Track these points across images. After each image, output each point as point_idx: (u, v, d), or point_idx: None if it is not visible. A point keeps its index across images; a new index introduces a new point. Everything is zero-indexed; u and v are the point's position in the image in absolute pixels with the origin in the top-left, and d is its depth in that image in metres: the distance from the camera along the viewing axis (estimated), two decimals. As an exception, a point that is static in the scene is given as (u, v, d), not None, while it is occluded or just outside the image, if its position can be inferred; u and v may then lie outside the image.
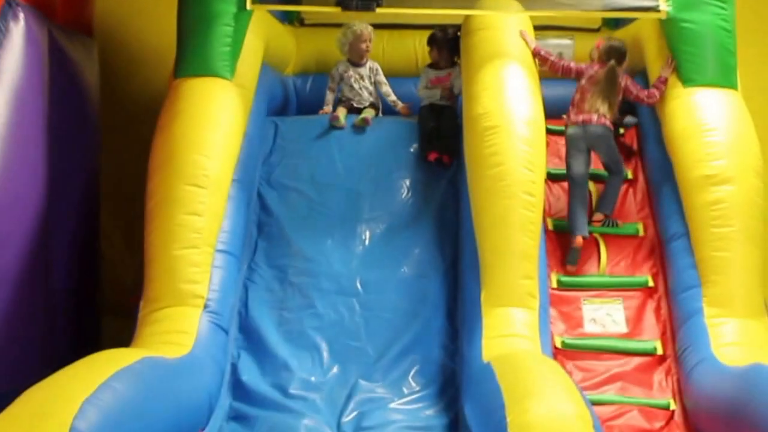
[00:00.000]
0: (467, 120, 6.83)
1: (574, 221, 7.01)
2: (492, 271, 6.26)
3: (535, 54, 7.25)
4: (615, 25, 8.59)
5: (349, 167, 7.37)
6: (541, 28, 7.95)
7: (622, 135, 7.69)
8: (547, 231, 7.00)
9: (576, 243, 6.93)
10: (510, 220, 6.31)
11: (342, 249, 6.97)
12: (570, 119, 7.22)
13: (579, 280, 6.87)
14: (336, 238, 7.01)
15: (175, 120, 6.52)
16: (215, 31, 6.74)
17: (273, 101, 8.07)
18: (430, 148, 7.48)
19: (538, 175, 6.45)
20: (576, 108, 7.20)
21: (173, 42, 6.90)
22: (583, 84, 7.22)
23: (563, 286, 6.84)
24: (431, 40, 7.96)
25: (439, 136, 7.54)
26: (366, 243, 7.03)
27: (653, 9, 6.92)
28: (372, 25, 8.06)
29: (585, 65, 7.35)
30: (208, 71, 6.73)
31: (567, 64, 7.37)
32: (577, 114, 7.17)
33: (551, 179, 7.28)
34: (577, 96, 7.24)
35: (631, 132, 7.74)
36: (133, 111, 8.39)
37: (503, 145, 6.45)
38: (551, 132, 7.20)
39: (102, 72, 7.77)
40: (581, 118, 7.13)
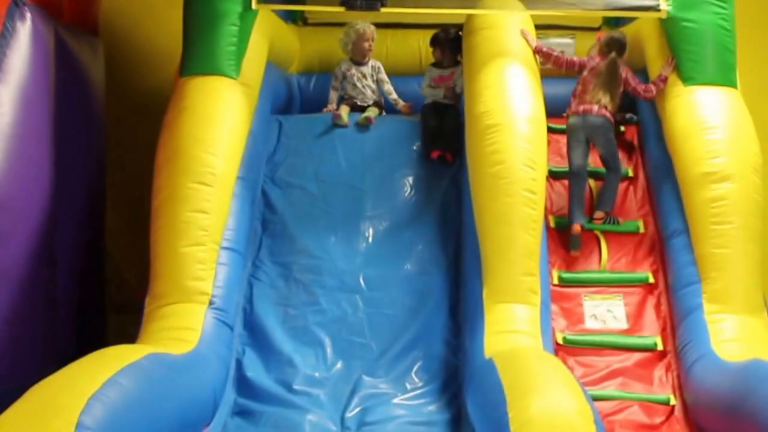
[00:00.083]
0: (469, 118, 6.83)
1: (572, 211, 7.08)
2: (494, 268, 6.27)
3: (537, 51, 7.27)
4: (616, 24, 8.57)
5: (353, 165, 7.39)
6: (543, 27, 7.98)
7: (623, 132, 7.72)
8: (549, 228, 7.01)
9: (574, 230, 6.98)
10: (511, 217, 6.31)
11: (345, 246, 6.98)
12: (571, 109, 7.28)
13: (580, 276, 6.88)
14: (339, 235, 7.03)
15: (181, 118, 6.53)
16: (221, 31, 6.76)
17: (277, 100, 8.08)
18: (433, 145, 7.50)
19: (539, 173, 6.45)
20: (578, 99, 7.26)
21: (179, 41, 6.91)
22: (585, 76, 7.27)
23: (564, 282, 6.83)
24: (434, 40, 8.00)
25: (442, 134, 7.56)
26: (369, 240, 7.05)
27: (654, 8, 6.96)
28: (376, 25, 8.09)
29: (587, 58, 7.43)
30: (213, 70, 6.74)
31: (569, 58, 7.43)
32: (579, 104, 7.23)
33: (552, 177, 7.31)
34: (579, 87, 7.29)
35: (632, 129, 7.76)
36: (139, 109, 8.38)
37: (505, 143, 6.46)
38: (552, 130, 7.20)
39: (107, 71, 7.76)
40: (582, 108, 7.19)
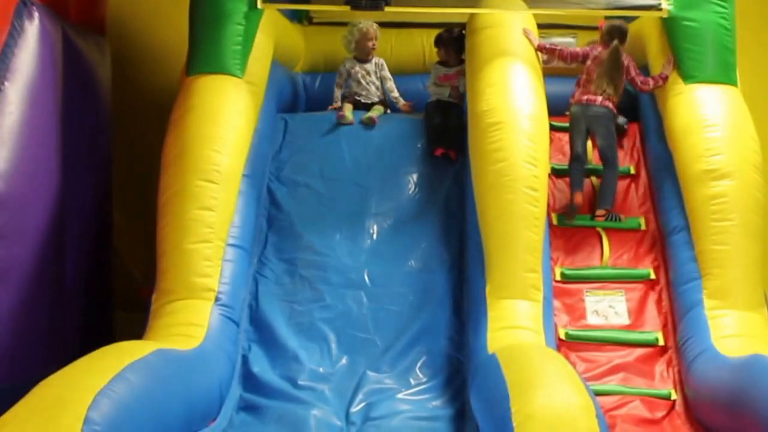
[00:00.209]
0: (472, 116, 6.85)
1: (572, 184, 7.16)
2: (497, 265, 6.29)
3: (540, 49, 7.31)
4: (617, 24, 8.63)
5: (358, 163, 7.42)
6: (545, 26, 7.98)
7: (625, 130, 7.71)
8: (551, 226, 7.01)
9: (575, 199, 7.08)
10: (514, 214, 6.34)
11: (350, 243, 7.00)
12: (574, 98, 7.30)
13: (582, 272, 6.88)
14: (344, 232, 7.05)
15: (187, 116, 6.57)
16: (226, 30, 6.80)
17: (283, 98, 8.09)
18: (436, 143, 7.52)
19: (541, 171, 6.48)
20: (582, 88, 7.28)
21: (185, 40, 6.95)
22: (589, 65, 7.28)
23: (566, 278, 6.85)
24: (438, 40, 8.04)
25: (446, 132, 7.57)
26: (374, 237, 7.07)
27: (655, 7, 7.01)
28: (380, 24, 8.10)
29: (589, 47, 7.42)
30: (219, 69, 6.78)
31: (572, 50, 7.45)
32: (583, 94, 7.25)
33: (555, 174, 7.32)
34: (583, 77, 7.31)
35: (633, 127, 7.74)
36: (145, 108, 8.43)
37: (507, 141, 6.49)
38: (554, 128, 7.22)
39: (114, 70, 7.80)
40: (585, 98, 7.21)
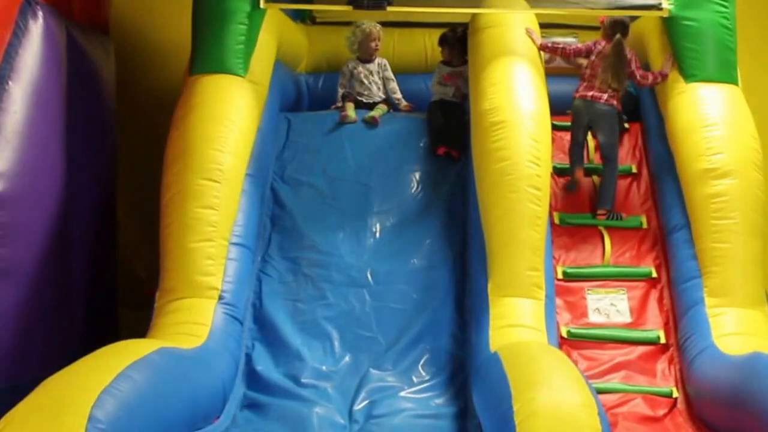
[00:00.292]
0: (474, 115, 6.87)
1: (572, 163, 7.27)
2: (499, 263, 6.31)
3: (543, 48, 7.33)
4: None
5: (360, 162, 7.43)
6: (546, 26, 7.98)
7: (626, 129, 7.71)
8: (553, 224, 7.03)
9: (577, 174, 7.20)
10: (517, 213, 6.36)
11: (353, 241, 7.02)
12: (579, 92, 7.31)
13: (584, 271, 6.90)
14: (347, 230, 7.07)
15: (190, 115, 6.57)
16: (229, 29, 6.80)
17: (286, 98, 8.11)
18: (438, 142, 7.54)
19: (543, 170, 6.50)
20: (587, 82, 7.30)
21: (188, 40, 6.96)
22: (593, 60, 7.29)
23: (568, 277, 6.86)
24: (442, 40, 8.06)
25: (448, 131, 7.59)
26: (376, 235, 7.08)
27: (656, 7, 7.01)
28: (382, 23, 8.11)
29: (592, 42, 7.42)
30: (222, 68, 6.78)
31: (575, 47, 7.47)
32: (588, 89, 7.27)
33: (557, 174, 7.34)
34: (588, 71, 7.32)
35: (635, 127, 7.73)
36: (149, 107, 8.43)
37: (510, 140, 6.51)
38: (556, 128, 7.23)
39: (118, 69, 7.81)
40: (591, 94, 7.23)
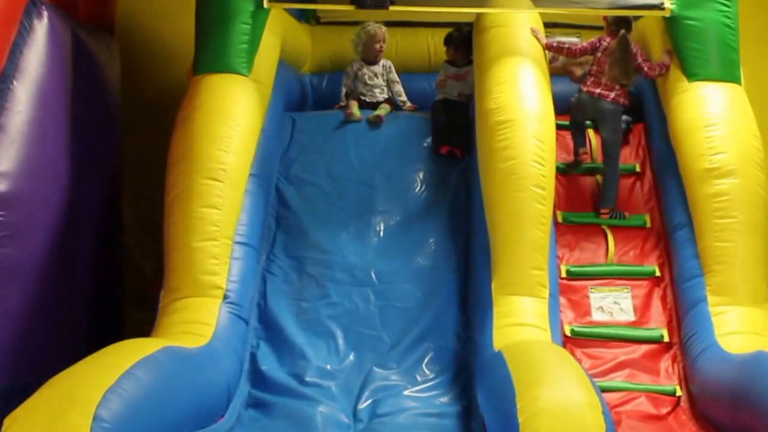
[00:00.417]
0: (479, 114, 6.87)
1: (575, 142, 7.40)
2: (503, 262, 6.32)
3: (549, 48, 7.34)
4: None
5: (364, 161, 7.45)
6: (549, 25, 7.93)
7: (630, 130, 7.73)
8: (557, 223, 7.03)
9: (581, 156, 7.33)
10: (521, 212, 6.36)
11: (357, 240, 7.04)
12: (586, 86, 7.33)
13: (587, 269, 6.91)
14: (351, 230, 7.09)
15: (194, 115, 6.58)
16: (233, 29, 6.80)
17: (290, 98, 8.12)
18: (442, 141, 7.56)
19: (548, 170, 6.50)
20: (594, 78, 7.31)
21: (192, 40, 6.96)
22: (599, 56, 7.30)
23: (572, 275, 6.87)
24: (447, 39, 8.07)
25: (451, 130, 7.61)
26: (380, 234, 7.10)
27: (658, 7, 7.00)
28: (385, 23, 8.13)
29: (596, 39, 7.42)
30: (226, 68, 6.79)
31: (581, 45, 7.48)
32: (595, 86, 7.28)
33: (559, 173, 7.25)
34: (594, 68, 7.32)
35: (639, 127, 7.74)
36: (153, 107, 8.41)
37: (516, 140, 6.51)
38: (559, 127, 7.17)
39: (123, 69, 7.83)
40: (598, 91, 7.25)
